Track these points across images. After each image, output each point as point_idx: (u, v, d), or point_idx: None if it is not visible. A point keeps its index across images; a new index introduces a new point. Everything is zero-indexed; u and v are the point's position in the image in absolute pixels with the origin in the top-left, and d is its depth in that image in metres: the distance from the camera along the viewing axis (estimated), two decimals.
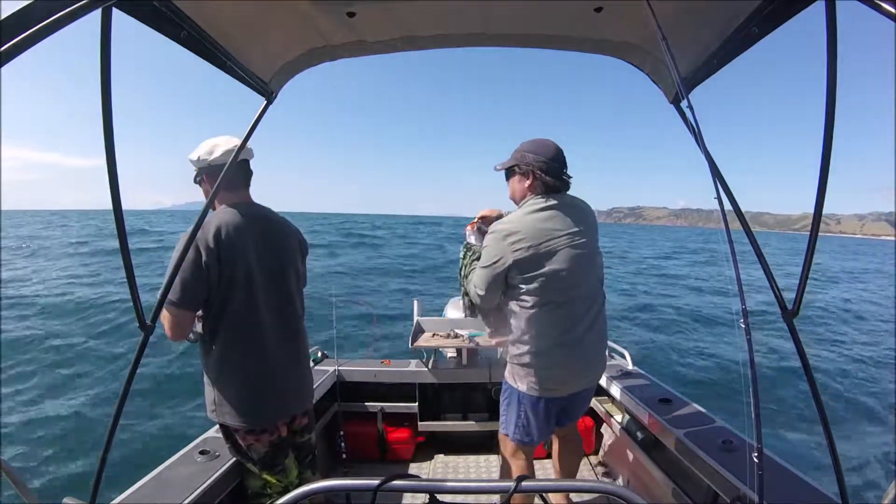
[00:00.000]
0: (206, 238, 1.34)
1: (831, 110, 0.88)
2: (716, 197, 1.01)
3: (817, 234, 0.99)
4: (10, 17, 0.61)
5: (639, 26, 1.26)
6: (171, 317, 1.34)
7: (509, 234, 1.58)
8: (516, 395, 1.71)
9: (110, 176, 0.97)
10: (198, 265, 1.33)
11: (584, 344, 1.66)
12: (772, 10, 0.99)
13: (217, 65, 1.29)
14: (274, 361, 1.50)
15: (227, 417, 1.44)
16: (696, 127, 1.09)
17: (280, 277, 1.53)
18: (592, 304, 1.69)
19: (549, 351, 1.62)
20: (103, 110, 0.90)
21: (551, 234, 1.58)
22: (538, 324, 1.62)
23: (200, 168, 1.48)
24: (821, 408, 1.02)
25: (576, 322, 1.64)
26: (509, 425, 1.76)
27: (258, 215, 1.52)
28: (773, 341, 7.63)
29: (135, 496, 1.36)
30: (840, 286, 19.54)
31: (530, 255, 1.56)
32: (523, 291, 1.61)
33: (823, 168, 0.93)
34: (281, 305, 1.53)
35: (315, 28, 1.31)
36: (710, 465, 1.58)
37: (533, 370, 1.64)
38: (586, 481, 0.76)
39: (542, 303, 1.60)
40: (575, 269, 1.60)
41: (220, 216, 1.42)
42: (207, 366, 1.45)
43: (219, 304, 1.39)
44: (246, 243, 1.42)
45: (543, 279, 1.58)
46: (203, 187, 1.51)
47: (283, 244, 1.56)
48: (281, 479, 1.52)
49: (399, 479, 0.75)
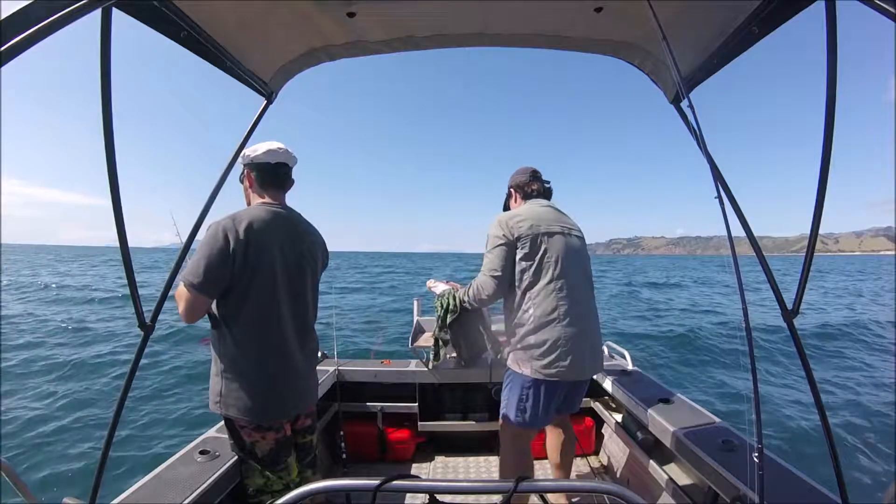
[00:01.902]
0: (237, 229, 1.37)
1: (831, 111, 0.88)
2: (716, 196, 1.01)
3: (817, 234, 0.99)
4: (10, 17, 0.61)
5: (639, 26, 1.26)
6: (190, 298, 1.36)
7: (512, 217, 1.77)
8: (519, 380, 1.76)
9: (110, 176, 0.97)
10: (224, 253, 1.34)
11: (584, 330, 1.73)
12: (772, 10, 0.99)
13: (217, 65, 1.29)
14: (289, 358, 1.51)
15: (232, 410, 1.43)
16: (696, 127, 1.09)
17: (300, 278, 1.55)
18: (589, 294, 1.81)
19: (551, 330, 1.69)
20: (103, 111, 0.90)
21: (548, 219, 1.79)
22: (540, 304, 1.70)
23: (245, 164, 1.55)
24: (821, 408, 1.02)
25: (575, 305, 1.72)
26: (510, 409, 1.81)
27: (288, 217, 1.56)
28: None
29: (135, 496, 1.36)
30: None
31: (531, 232, 1.73)
32: (524, 269, 1.73)
33: (823, 169, 0.93)
34: (298, 305, 1.55)
35: (315, 28, 1.31)
36: (710, 464, 1.58)
37: (536, 352, 1.70)
38: (586, 481, 0.75)
39: (544, 282, 1.71)
40: (570, 255, 1.75)
41: (253, 211, 1.47)
42: (220, 355, 1.45)
43: (239, 295, 1.41)
44: (273, 240, 1.46)
45: (541, 256, 1.72)
46: (243, 184, 1.58)
47: (308, 248, 1.59)
48: (282, 476, 1.53)
49: (399, 479, 0.75)
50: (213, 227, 1.38)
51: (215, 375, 1.46)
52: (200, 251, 1.34)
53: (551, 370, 1.69)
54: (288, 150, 1.55)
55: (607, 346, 2.90)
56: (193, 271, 1.33)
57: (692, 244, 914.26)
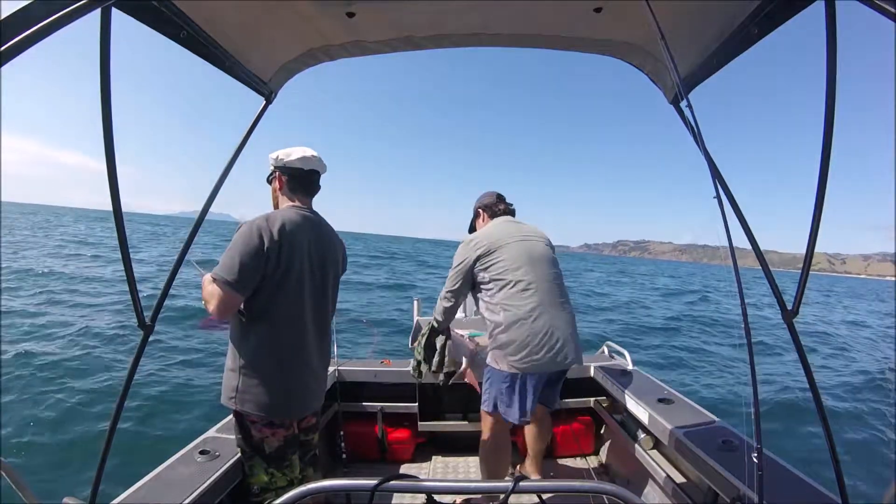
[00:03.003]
0: (272, 229, 1.41)
1: (831, 111, 0.88)
2: (715, 197, 1.01)
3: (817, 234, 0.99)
4: (10, 17, 0.61)
5: (638, 26, 1.25)
6: (224, 296, 1.37)
7: (471, 241, 2.02)
8: (498, 375, 1.90)
9: (110, 176, 0.97)
10: (259, 252, 1.37)
11: (554, 324, 1.85)
12: (771, 10, 0.99)
13: (217, 65, 1.29)
14: (308, 358, 1.55)
15: (248, 406, 1.44)
16: (695, 127, 1.09)
17: (323, 280, 1.60)
18: (556, 291, 1.94)
19: (520, 327, 1.83)
20: (103, 111, 0.90)
21: (508, 232, 2.01)
22: (510, 306, 1.86)
23: (276, 167, 1.58)
24: (820, 408, 1.02)
25: (542, 303, 1.86)
26: (489, 402, 1.96)
27: (317, 222, 1.61)
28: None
29: (135, 496, 1.36)
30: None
31: (487, 248, 1.95)
32: (488, 280, 1.93)
33: (823, 170, 0.93)
34: (319, 306, 1.59)
35: (315, 28, 1.31)
36: (709, 464, 1.58)
37: (510, 349, 1.84)
38: (585, 481, 0.76)
39: (506, 283, 1.89)
40: (532, 258, 1.94)
41: (286, 213, 1.50)
42: (240, 351, 1.46)
43: (268, 294, 1.44)
44: (303, 242, 1.50)
45: (500, 262, 1.92)
46: (272, 185, 1.62)
47: (331, 252, 1.64)
48: (287, 472, 1.53)
49: (397, 479, 0.75)
50: (246, 226, 1.41)
51: (232, 371, 1.47)
52: (234, 249, 1.37)
53: (525, 364, 1.82)
54: (320, 158, 1.60)
55: (607, 346, 2.90)
56: (228, 269, 1.35)
57: (698, 252, 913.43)
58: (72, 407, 4.30)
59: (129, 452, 3.26)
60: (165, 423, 4.14)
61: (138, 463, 1.74)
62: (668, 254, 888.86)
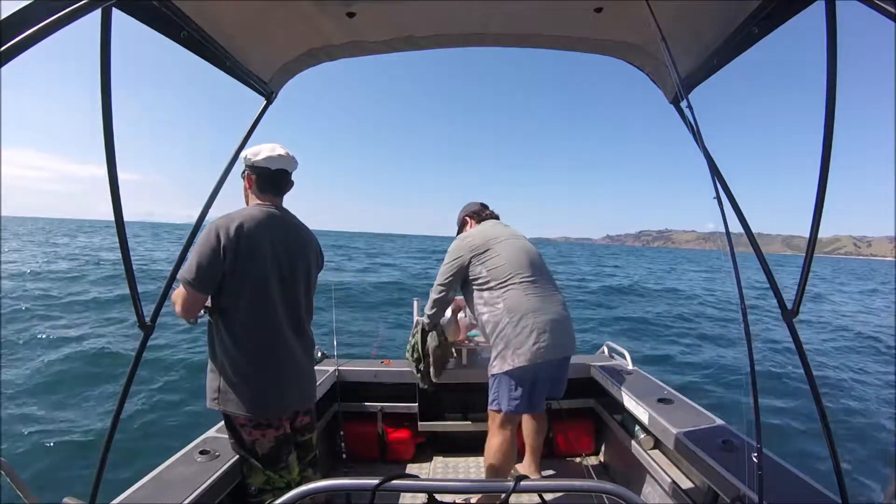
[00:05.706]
0: (229, 227, 1.42)
1: (831, 111, 0.88)
2: (714, 197, 1.01)
3: (817, 234, 0.99)
4: (10, 17, 0.61)
5: (639, 27, 1.25)
6: (187, 295, 1.41)
7: (466, 237, 2.14)
8: (506, 375, 1.92)
9: (110, 178, 0.97)
10: (216, 251, 1.39)
11: (551, 314, 1.92)
12: (772, 10, 0.99)
13: (217, 65, 1.29)
14: (287, 355, 1.54)
15: (231, 406, 1.45)
16: (695, 126, 1.09)
17: (293, 277, 1.59)
18: (548, 284, 2.03)
19: (523, 320, 1.87)
20: (103, 112, 0.90)
21: (495, 231, 2.13)
22: (508, 300, 1.92)
23: (246, 165, 1.58)
24: (820, 407, 1.02)
25: (537, 295, 1.94)
26: (501, 401, 1.96)
27: (281, 218, 1.59)
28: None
29: (135, 496, 1.36)
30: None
31: (482, 244, 2.05)
32: (485, 274, 2.01)
33: (823, 169, 0.93)
34: (291, 303, 1.59)
35: (315, 28, 1.31)
36: (709, 464, 1.58)
37: (515, 343, 1.87)
38: (586, 481, 0.75)
39: (504, 276, 1.97)
40: (522, 251, 2.04)
41: (247, 211, 1.51)
42: (216, 351, 1.48)
43: (233, 293, 1.45)
44: (263, 240, 1.49)
45: (497, 257, 2.01)
46: (244, 183, 1.63)
47: (300, 249, 1.63)
48: (284, 475, 1.53)
49: (398, 479, 0.75)
50: (208, 226, 1.43)
51: (212, 372, 1.48)
52: (194, 249, 1.40)
53: (532, 355, 1.85)
54: (288, 155, 1.57)
55: (607, 346, 2.90)
56: (188, 268, 1.39)
57: (722, 240, 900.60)
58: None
59: (129, 452, 3.26)
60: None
61: (138, 463, 1.73)
62: (691, 243, 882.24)
